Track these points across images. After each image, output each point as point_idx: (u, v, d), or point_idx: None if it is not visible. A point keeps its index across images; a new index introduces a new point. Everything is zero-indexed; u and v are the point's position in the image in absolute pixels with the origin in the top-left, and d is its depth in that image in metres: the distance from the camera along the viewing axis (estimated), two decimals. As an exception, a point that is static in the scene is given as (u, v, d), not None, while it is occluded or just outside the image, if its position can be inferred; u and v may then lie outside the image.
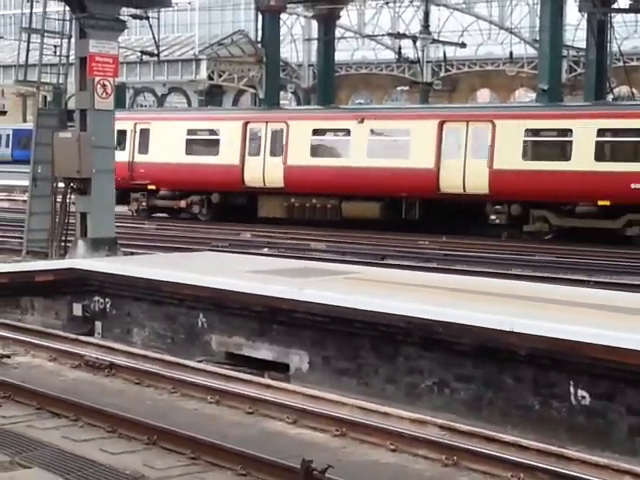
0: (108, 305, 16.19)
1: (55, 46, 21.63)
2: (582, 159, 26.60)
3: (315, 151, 31.46)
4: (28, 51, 19.70)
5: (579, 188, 26.35)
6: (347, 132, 31.05)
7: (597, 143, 26.69)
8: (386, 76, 61.70)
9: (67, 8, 19.52)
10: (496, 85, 60.88)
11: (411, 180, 29.09)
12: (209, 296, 14.26)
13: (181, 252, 21.75)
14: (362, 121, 30.65)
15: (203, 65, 46.63)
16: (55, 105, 21.80)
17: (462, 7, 55.91)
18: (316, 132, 31.57)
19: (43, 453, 8.32)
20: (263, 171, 32.02)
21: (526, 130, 27.87)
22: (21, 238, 23.60)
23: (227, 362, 13.69)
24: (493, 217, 28.34)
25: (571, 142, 27.05)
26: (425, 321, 11.80)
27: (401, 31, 54.53)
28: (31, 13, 20.21)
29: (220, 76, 48.19)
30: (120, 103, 45.63)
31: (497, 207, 28.21)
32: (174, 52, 47.66)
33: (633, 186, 25.64)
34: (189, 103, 61.16)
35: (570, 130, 27.19)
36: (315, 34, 53.78)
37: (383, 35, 55.56)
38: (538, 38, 42.97)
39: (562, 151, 27.51)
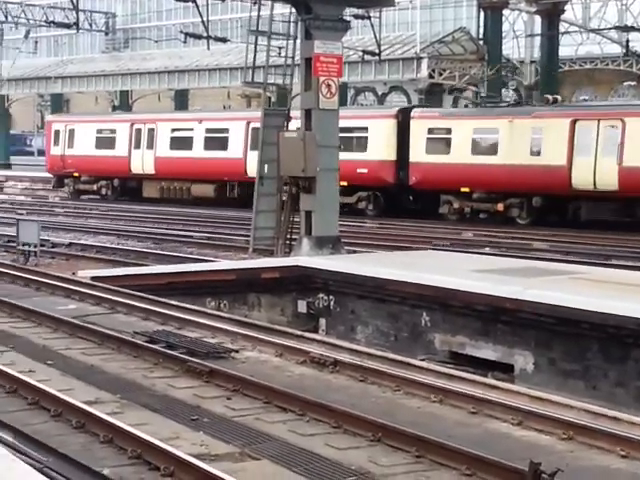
0: (332, 302, 16.38)
1: (279, 48, 22.12)
2: None
3: (172, 145, 41.53)
4: (255, 53, 20.16)
5: None
6: (192, 130, 41.17)
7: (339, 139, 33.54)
8: (612, 71, 59.86)
9: (293, 10, 19.87)
10: None
11: (230, 167, 38.76)
12: (433, 295, 14.23)
13: (402, 251, 21.80)
14: (201, 122, 41.17)
15: (424, 63, 46.52)
16: (279, 105, 22.26)
17: (695, -5, 53.61)
18: (174, 130, 41.94)
19: (271, 446, 8.46)
20: (142, 161, 42.17)
21: (297, 128, 37.49)
22: (246, 236, 24.24)
23: (450, 361, 13.61)
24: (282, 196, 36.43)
25: None
26: (657, 323, 11.40)
27: (629, 24, 52.80)
28: (258, 16, 20.66)
29: (441, 74, 47.99)
30: (341, 102, 46.21)
31: (285, 188, 34.61)
32: (395, 51, 47.73)
33: (359, 170, 34.41)
34: (409, 101, 61.23)
35: None
36: (537, 29, 52.79)
37: (610, 28, 53.91)
38: None
39: None
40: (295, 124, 21.90)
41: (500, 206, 32.51)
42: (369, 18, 35.61)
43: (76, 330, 13.07)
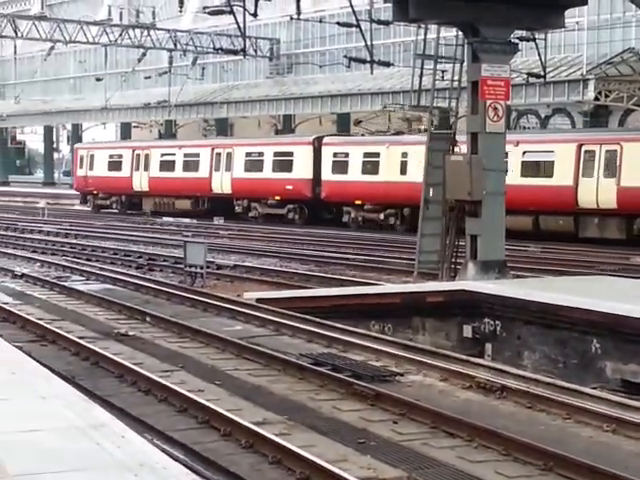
0: (498, 327, 16.15)
1: (442, 71, 22.04)
2: (267, 171, 45.02)
3: (161, 167, 51.00)
4: (421, 77, 20.12)
5: (267, 189, 44.43)
6: (174, 155, 50.63)
7: (273, 161, 45.07)
8: None
9: (459, 34, 19.73)
10: None
11: (200, 185, 48.00)
12: (604, 321, 13.85)
13: (567, 275, 21.33)
14: (181, 148, 51.00)
15: (591, 85, 45.61)
16: (440, 128, 22.17)
17: None
18: (162, 155, 51.52)
19: (439, 471, 8.37)
20: (140, 180, 52.07)
21: (246, 153, 46.35)
22: (407, 259, 24.16)
23: (622, 390, 13.19)
24: (237, 208, 46.81)
25: (263, 160, 45.50)
26: None
27: None
28: (425, 40, 20.62)
29: (607, 96, 46.95)
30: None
31: (238, 202, 46.84)
32: (561, 73, 46.94)
33: (287, 187, 43.66)
34: (573, 124, 60.16)
35: (263, 152, 45.66)
36: None
37: None
38: None
39: (259, 165, 45.49)
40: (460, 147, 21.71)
41: (381, 215, 40.13)
42: (534, 40, 35.16)
43: (242, 351, 13.25)
